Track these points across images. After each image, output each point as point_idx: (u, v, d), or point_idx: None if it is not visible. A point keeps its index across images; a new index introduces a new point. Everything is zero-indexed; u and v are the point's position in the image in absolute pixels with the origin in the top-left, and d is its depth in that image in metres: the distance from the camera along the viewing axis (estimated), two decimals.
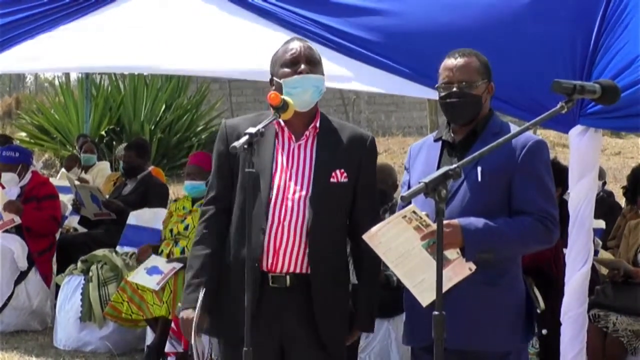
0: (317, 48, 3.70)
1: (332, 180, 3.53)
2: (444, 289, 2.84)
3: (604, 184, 7.81)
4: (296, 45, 3.58)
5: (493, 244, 3.36)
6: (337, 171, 3.54)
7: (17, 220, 7.41)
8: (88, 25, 5.98)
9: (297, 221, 3.49)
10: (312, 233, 3.49)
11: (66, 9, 6.06)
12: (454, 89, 3.52)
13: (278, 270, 3.51)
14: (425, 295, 3.33)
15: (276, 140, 3.57)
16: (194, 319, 3.49)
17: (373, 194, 3.69)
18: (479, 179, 3.44)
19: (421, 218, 3.27)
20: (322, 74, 3.60)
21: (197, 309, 3.49)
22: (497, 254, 3.39)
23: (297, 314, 3.52)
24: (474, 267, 3.35)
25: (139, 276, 6.55)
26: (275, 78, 3.59)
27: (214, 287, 3.56)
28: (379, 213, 3.75)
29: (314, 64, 3.56)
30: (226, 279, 3.56)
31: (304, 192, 3.51)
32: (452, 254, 3.33)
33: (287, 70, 3.54)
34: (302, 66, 3.52)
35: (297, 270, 3.51)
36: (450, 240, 3.28)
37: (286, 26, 5.12)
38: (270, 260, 3.50)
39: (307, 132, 3.58)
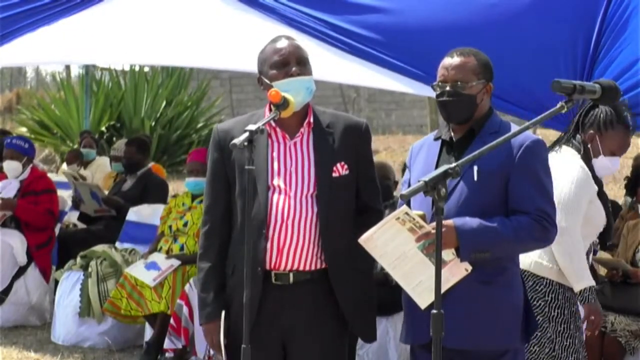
0: (319, 45, 3.69)
1: (334, 175, 3.52)
2: (441, 290, 2.84)
3: None
4: (285, 45, 3.53)
5: (488, 244, 3.34)
6: (338, 165, 3.53)
7: (8, 213, 7.46)
8: (90, 18, 5.99)
9: (303, 219, 3.47)
10: (324, 229, 3.48)
11: (68, 3, 6.07)
12: (447, 88, 3.52)
13: (282, 268, 3.50)
14: (423, 298, 3.32)
15: (269, 141, 3.54)
16: (216, 330, 3.51)
17: (373, 177, 3.68)
18: (475, 178, 3.42)
19: (414, 219, 3.25)
20: (311, 72, 3.56)
21: (214, 320, 3.52)
22: (493, 253, 3.37)
23: (299, 311, 3.51)
24: (470, 268, 3.33)
25: (137, 269, 6.56)
26: (264, 78, 3.55)
27: (222, 296, 3.56)
28: (379, 193, 3.74)
29: (303, 64, 3.52)
30: (232, 282, 3.56)
31: (307, 190, 3.49)
32: (447, 255, 3.30)
33: (276, 72, 3.50)
34: (293, 68, 3.48)
35: (302, 268, 3.49)
36: (444, 241, 3.24)
37: (288, 22, 5.12)
38: (274, 260, 3.49)
39: (302, 130, 3.55)
